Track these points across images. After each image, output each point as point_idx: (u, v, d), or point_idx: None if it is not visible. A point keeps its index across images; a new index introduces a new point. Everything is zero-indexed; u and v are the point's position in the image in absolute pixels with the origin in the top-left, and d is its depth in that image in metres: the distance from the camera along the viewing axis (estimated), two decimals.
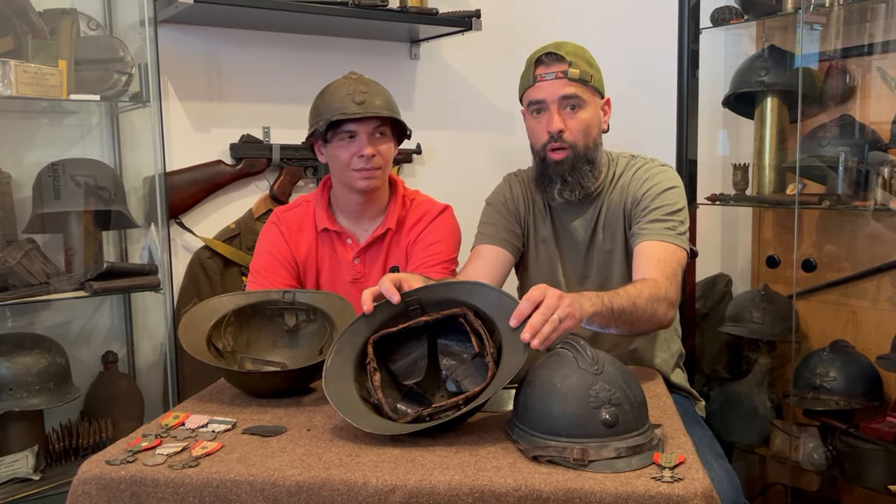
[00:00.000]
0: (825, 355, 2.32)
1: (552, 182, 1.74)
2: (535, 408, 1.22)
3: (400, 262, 1.94)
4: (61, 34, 2.01)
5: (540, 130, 1.73)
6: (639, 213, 1.73)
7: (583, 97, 1.70)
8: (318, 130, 1.82)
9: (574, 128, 1.70)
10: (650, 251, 1.67)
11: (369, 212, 1.93)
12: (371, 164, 1.81)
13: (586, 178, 1.73)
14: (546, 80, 1.69)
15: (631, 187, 1.77)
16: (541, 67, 1.70)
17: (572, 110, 1.70)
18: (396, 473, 1.13)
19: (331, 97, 1.82)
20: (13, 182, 2.04)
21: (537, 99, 1.71)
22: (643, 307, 1.51)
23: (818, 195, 2.32)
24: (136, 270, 2.07)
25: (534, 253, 1.87)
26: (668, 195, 1.73)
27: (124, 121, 2.23)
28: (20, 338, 1.99)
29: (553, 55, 1.69)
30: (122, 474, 1.16)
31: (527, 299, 1.30)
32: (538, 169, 1.77)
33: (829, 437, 2.31)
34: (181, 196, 2.30)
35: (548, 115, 1.70)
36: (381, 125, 1.83)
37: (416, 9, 2.43)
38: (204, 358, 1.52)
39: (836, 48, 2.45)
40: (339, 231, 1.93)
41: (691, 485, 1.09)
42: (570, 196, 1.74)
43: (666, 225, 1.69)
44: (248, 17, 2.29)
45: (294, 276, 1.92)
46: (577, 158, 1.71)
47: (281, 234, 1.93)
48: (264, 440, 1.28)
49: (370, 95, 1.80)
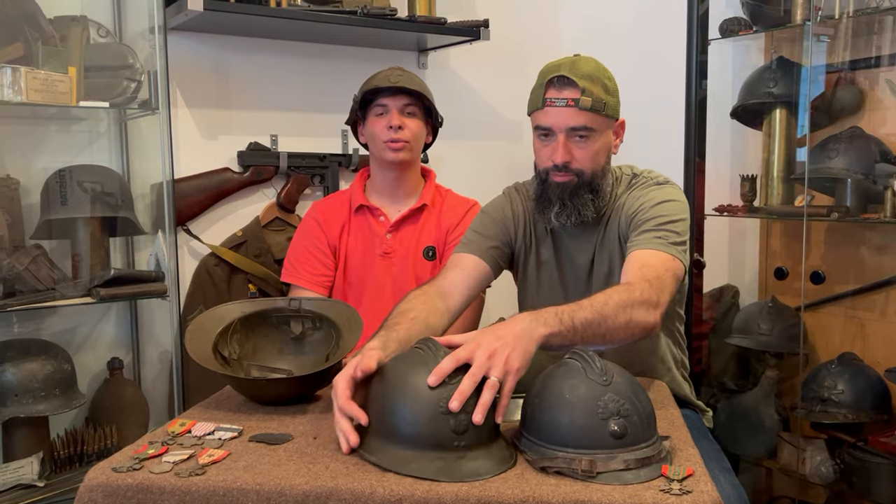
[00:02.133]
0: (833, 368, 2.31)
1: (550, 204, 1.66)
2: (543, 418, 1.21)
3: (435, 242, 2.07)
4: (71, 41, 2.02)
5: (545, 157, 1.66)
6: (632, 230, 1.65)
7: (593, 127, 1.61)
8: (355, 104, 2.04)
9: (581, 157, 1.63)
10: (635, 259, 1.56)
11: (402, 190, 2.09)
12: (399, 135, 1.97)
13: (586, 206, 1.65)
14: (556, 107, 1.60)
15: (625, 208, 1.69)
16: (552, 91, 1.60)
17: (581, 139, 1.62)
18: (403, 483, 1.12)
19: (371, 78, 2.05)
20: (21, 188, 2.05)
21: (545, 126, 1.63)
22: (612, 315, 1.38)
23: (827, 207, 2.32)
24: (143, 277, 2.07)
25: (534, 275, 1.81)
26: (662, 207, 1.64)
27: (133, 128, 2.24)
28: (26, 344, 1.99)
29: (565, 80, 1.59)
30: (129, 482, 1.16)
31: (451, 357, 1.20)
32: (538, 189, 1.70)
33: (837, 451, 2.30)
34: (188, 203, 2.30)
35: (554, 145, 1.62)
36: (411, 104, 2.02)
37: (424, 18, 2.44)
38: (210, 365, 1.52)
39: (845, 60, 2.44)
40: (373, 207, 2.08)
41: (700, 497, 1.08)
42: (565, 221, 1.66)
43: (656, 234, 1.58)
44: (256, 26, 2.30)
45: (326, 263, 2.07)
46: (581, 185, 1.64)
47: (316, 222, 2.11)
48: (271, 448, 1.27)
49: (405, 79, 2.01)
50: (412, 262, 2.05)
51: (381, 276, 2.04)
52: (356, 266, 2.05)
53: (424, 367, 1.22)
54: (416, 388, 1.20)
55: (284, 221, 2.45)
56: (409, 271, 2.04)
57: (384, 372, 1.27)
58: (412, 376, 1.21)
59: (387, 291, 2.04)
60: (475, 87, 2.82)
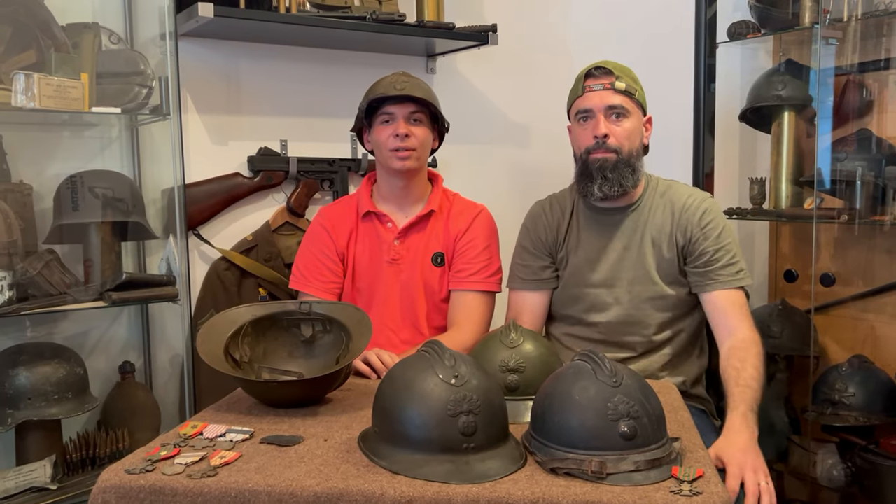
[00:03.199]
0: (844, 371, 2.30)
1: (593, 179, 1.82)
2: (552, 420, 1.21)
3: (443, 248, 2.05)
4: (83, 48, 2.04)
5: (585, 136, 1.83)
6: (706, 255, 1.81)
7: (627, 108, 1.81)
8: (361, 112, 2.01)
9: (619, 134, 1.80)
10: (738, 300, 1.81)
11: (409, 197, 2.07)
12: (405, 143, 1.95)
13: (626, 178, 1.81)
14: (594, 91, 1.81)
15: (687, 216, 1.84)
16: (590, 80, 1.83)
17: (617, 118, 1.80)
18: (414, 485, 1.13)
19: (376, 85, 2.00)
20: (34, 193, 2.07)
21: (585, 108, 1.82)
22: (762, 376, 1.68)
23: (836, 209, 2.31)
24: (154, 281, 2.09)
25: (564, 258, 1.94)
26: (727, 234, 1.84)
27: (144, 133, 2.26)
28: (39, 347, 2.01)
29: (602, 69, 1.82)
30: (142, 483, 1.17)
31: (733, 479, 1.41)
32: (579, 170, 1.86)
33: (848, 454, 2.29)
34: (199, 208, 2.32)
35: (594, 122, 1.81)
36: (417, 111, 1.98)
37: (432, 23, 2.44)
38: (221, 368, 1.53)
39: (853, 62, 2.44)
40: (380, 213, 2.05)
41: (710, 499, 1.08)
42: (609, 191, 1.81)
43: (736, 269, 1.81)
44: (266, 32, 2.32)
45: (334, 270, 2.05)
46: (620, 161, 1.80)
47: (323, 228, 2.07)
48: (282, 450, 1.28)
49: (411, 85, 1.97)
50: (420, 269, 2.04)
51: (389, 282, 2.03)
52: (364, 272, 2.05)
53: (431, 370, 1.22)
54: (423, 392, 1.20)
55: (294, 226, 2.47)
56: (418, 278, 2.03)
57: (391, 377, 1.28)
58: (419, 381, 1.22)
59: (395, 298, 2.03)
60: (483, 91, 2.83)
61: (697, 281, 1.82)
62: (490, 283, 2.03)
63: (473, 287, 2.01)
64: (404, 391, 1.23)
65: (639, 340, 1.85)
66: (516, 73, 2.83)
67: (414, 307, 2.03)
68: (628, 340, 1.85)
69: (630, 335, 1.86)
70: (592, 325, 1.88)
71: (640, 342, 1.85)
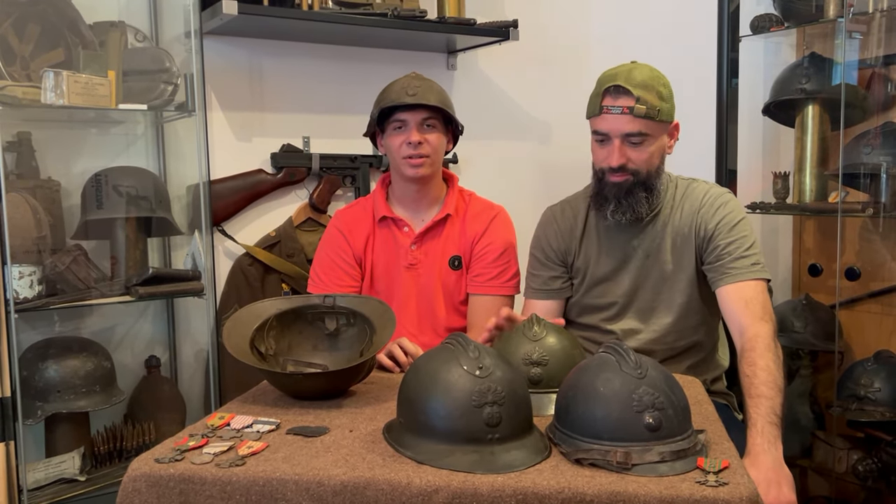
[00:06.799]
0: (869, 366, 2.28)
1: (607, 202, 1.78)
2: (577, 411, 1.21)
3: (460, 252, 2.03)
4: (110, 46, 2.07)
5: (601, 158, 1.77)
6: (717, 249, 1.75)
7: (647, 132, 1.71)
8: (372, 119, 1.96)
9: (636, 159, 1.73)
10: (749, 295, 1.70)
11: (424, 201, 2.03)
12: (418, 151, 1.91)
13: (640, 203, 1.76)
14: (612, 114, 1.70)
15: (702, 214, 1.79)
16: (608, 98, 1.71)
17: (635, 144, 1.72)
18: (440, 474, 1.14)
19: (388, 90, 1.96)
20: (63, 190, 2.10)
21: (602, 131, 1.74)
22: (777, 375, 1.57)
23: (861, 203, 2.29)
24: (180, 276, 2.11)
25: (583, 269, 1.88)
26: (742, 227, 1.76)
27: (169, 130, 2.28)
28: (68, 341, 2.04)
29: (621, 89, 1.69)
30: (171, 472, 1.18)
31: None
32: (596, 186, 1.82)
33: (874, 450, 2.27)
34: (223, 204, 2.34)
35: (610, 148, 1.73)
36: (430, 117, 1.94)
37: (453, 19, 2.45)
38: (247, 360, 1.55)
39: (878, 55, 2.42)
40: (397, 218, 2.03)
41: (736, 489, 1.08)
42: (620, 218, 1.77)
43: (751, 261, 1.72)
44: (289, 29, 2.33)
45: (351, 274, 2.02)
46: (636, 184, 1.75)
47: (339, 231, 2.04)
48: (308, 440, 1.29)
49: (423, 90, 1.92)
50: (438, 273, 2.02)
51: (407, 286, 2.01)
52: (382, 277, 2.02)
53: (455, 362, 1.23)
54: (448, 383, 1.21)
55: (316, 222, 2.48)
56: (436, 282, 2.01)
57: (416, 369, 1.29)
58: (444, 372, 1.23)
59: (413, 302, 2.02)
60: (504, 87, 2.83)
61: (712, 277, 1.77)
62: (507, 287, 2.02)
63: (491, 292, 2.00)
64: (429, 382, 1.24)
65: (660, 349, 1.81)
66: (537, 69, 2.83)
67: (433, 310, 2.02)
68: (648, 349, 1.80)
69: (650, 344, 1.81)
70: (611, 334, 1.84)
71: (661, 350, 1.81)
